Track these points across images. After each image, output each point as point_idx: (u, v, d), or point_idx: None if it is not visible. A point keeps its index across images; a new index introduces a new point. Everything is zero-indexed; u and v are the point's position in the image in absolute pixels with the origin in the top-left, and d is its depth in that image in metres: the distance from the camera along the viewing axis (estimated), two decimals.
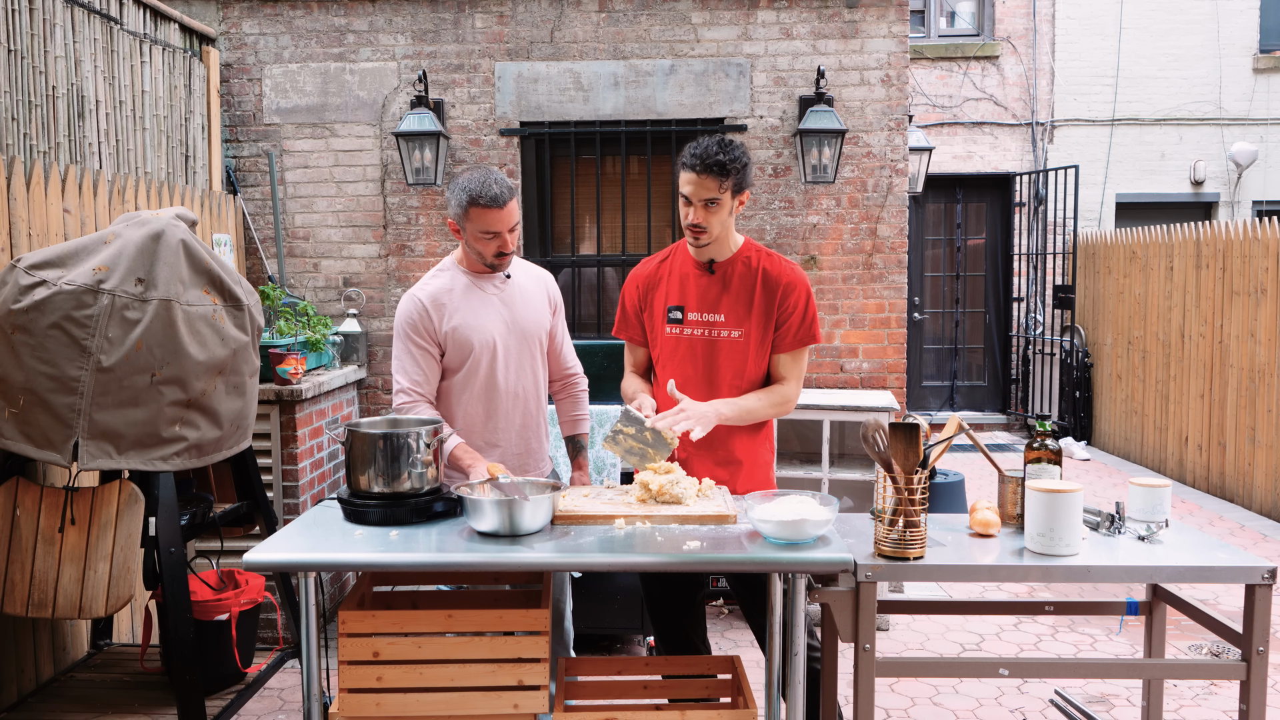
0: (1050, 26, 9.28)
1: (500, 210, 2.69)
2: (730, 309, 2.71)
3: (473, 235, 2.74)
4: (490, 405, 2.83)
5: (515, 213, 2.74)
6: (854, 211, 4.84)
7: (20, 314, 2.51)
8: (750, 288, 2.71)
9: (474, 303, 2.81)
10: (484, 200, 2.67)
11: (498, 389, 2.83)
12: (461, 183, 2.72)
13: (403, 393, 2.78)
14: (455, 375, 2.82)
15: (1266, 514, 6.21)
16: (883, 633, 4.26)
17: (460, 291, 2.82)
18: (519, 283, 2.91)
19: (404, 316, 2.80)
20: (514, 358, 2.85)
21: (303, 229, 4.91)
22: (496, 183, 2.70)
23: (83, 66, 3.57)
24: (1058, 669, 2.56)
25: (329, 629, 3.90)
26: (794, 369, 2.75)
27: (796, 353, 2.75)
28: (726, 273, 2.73)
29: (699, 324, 2.73)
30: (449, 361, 2.82)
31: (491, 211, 2.68)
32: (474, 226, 2.72)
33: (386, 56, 4.85)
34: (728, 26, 4.80)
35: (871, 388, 4.87)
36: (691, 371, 2.73)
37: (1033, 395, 9.09)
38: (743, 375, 2.73)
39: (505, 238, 2.74)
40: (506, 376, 2.83)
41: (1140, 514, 2.47)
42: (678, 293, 2.77)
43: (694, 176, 2.58)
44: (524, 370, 2.87)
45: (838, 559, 2.17)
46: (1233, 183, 9.39)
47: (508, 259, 2.80)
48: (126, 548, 2.64)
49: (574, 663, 2.75)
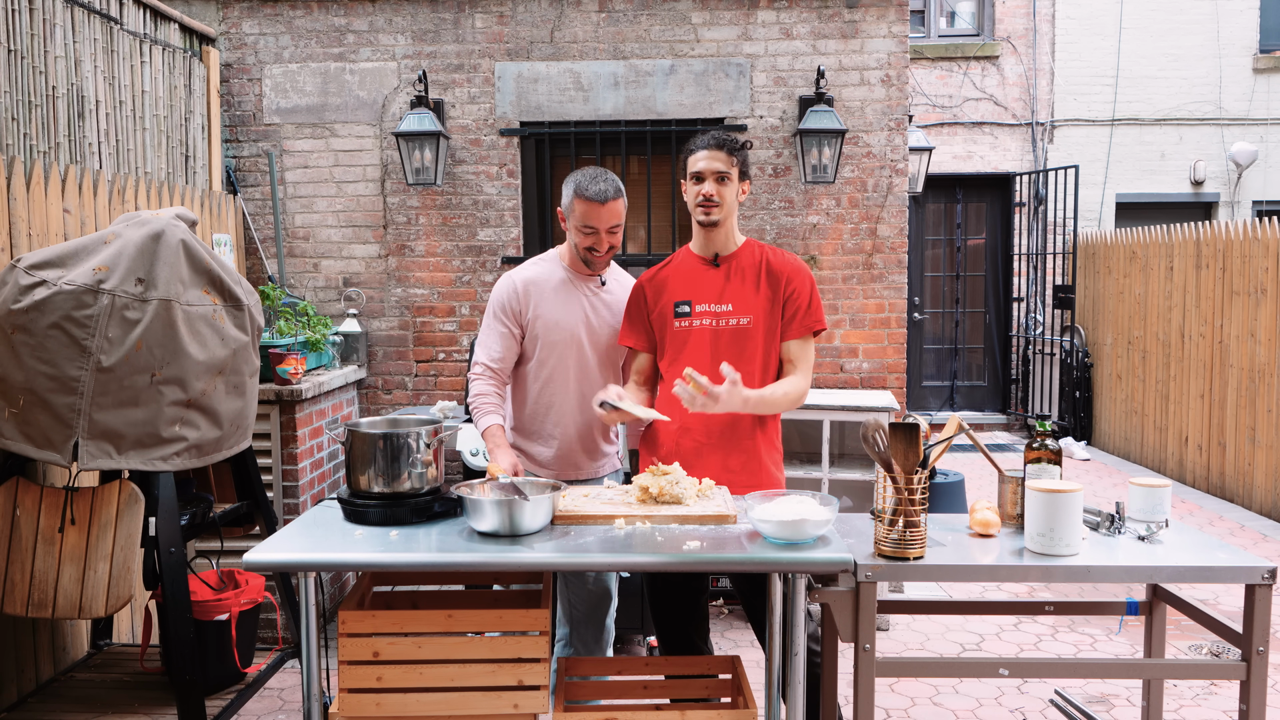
0: (1050, 26, 9.28)
1: (601, 206, 2.77)
2: (736, 297, 2.77)
3: (574, 227, 2.83)
4: (558, 399, 2.91)
5: (618, 214, 2.82)
6: (854, 211, 4.84)
7: (20, 314, 2.51)
8: (755, 277, 2.78)
9: (563, 298, 2.90)
10: (589, 194, 2.76)
11: (569, 386, 2.90)
12: (576, 175, 2.83)
13: (476, 365, 2.90)
14: (529, 363, 2.92)
15: (1266, 514, 6.21)
16: (883, 633, 4.26)
17: (555, 284, 2.91)
18: (614, 291, 2.99)
19: (497, 294, 2.91)
20: (590, 360, 2.92)
21: (303, 229, 4.91)
22: (605, 180, 2.79)
23: (83, 66, 3.57)
24: (1058, 669, 2.56)
25: (329, 629, 3.90)
26: (802, 357, 2.80)
27: (804, 341, 2.80)
28: (731, 265, 2.80)
29: (708, 314, 2.78)
30: (525, 347, 2.91)
31: (594, 206, 2.77)
32: (576, 219, 2.81)
33: (386, 56, 4.85)
34: (728, 26, 4.80)
35: (871, 388, 4.87)
36: (702, 361, 2.75)
37: (1033, 395, 9.09)
38: (754, 361, 2.75)
39: (601, 236, 2.81)
40: (579, 376, 2.90)
41: (1140, 514, 2.47)
42: (684, 289, 2.81)
43: (707, 152, 2.71)
44: (597, 375, 2.93)
45: (838, 559, 2.17)
46: (1233, 183, 9.39)
47: (601, 259, 2.87)
48: (126, 548, 2.64)
49: (574, 663, 2.75)
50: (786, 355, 2.81)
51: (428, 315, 4.92)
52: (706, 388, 2.50)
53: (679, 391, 2.52)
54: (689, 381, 2.51)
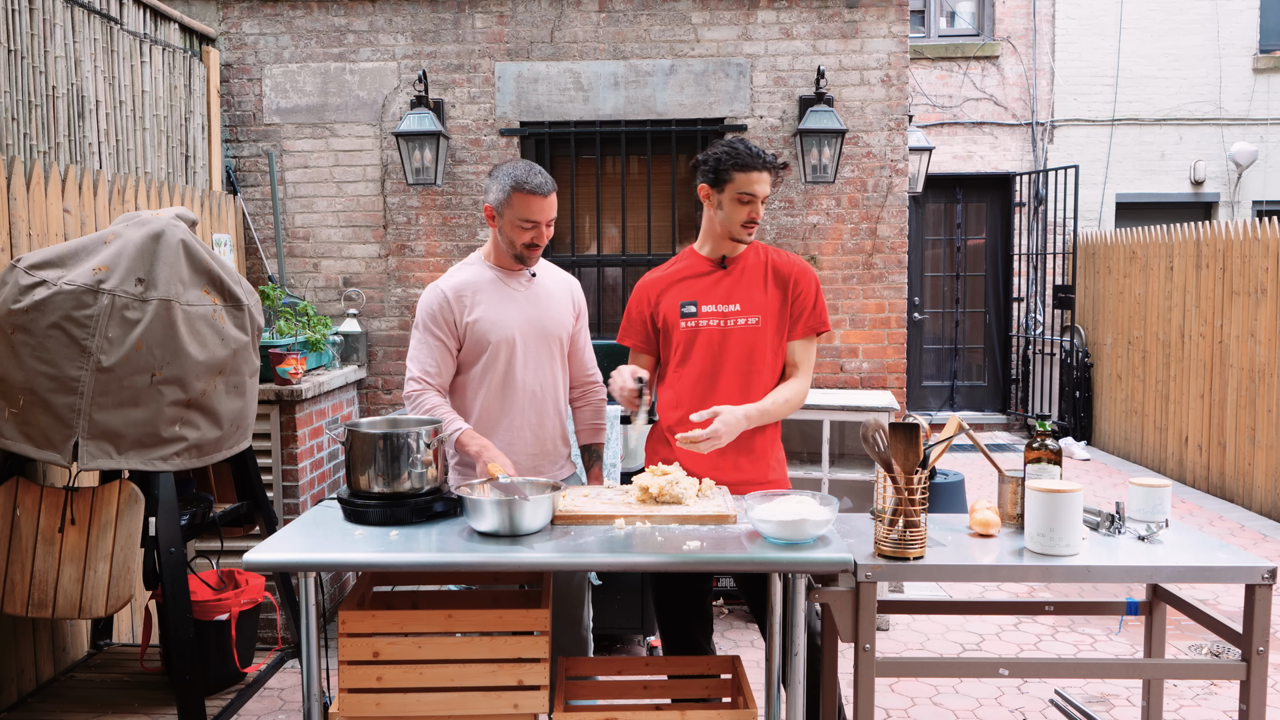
0: (1050, 26, 9.28)
1: (543, 199, 2.73)
2: (745, 297, 2.77)
3: (510, 222, 2.76)
4: (506, 402, 2.83)
5: (554, 207, 2.78)
6: (854, 211, 4.84)
7: (20, 314, 2.51)
8: (762, 277, 2.79)
9: (497, 298, 2.83)
10: (529, 187, 2.71)
11: (515, 386, 2.83)
12: (506, 169, 2.77)
13: (413, 381, 2.80)
14: (473, 369, 2.83)
15: (1266, 514, 6.21)
16: (883, 633, 4.26)
17: (485, 286, 2.84)
18: (544, 283, 2.93)
19: (425, 306, 2.82)
20: (533, 356, 2.85)
21: (303, 229, 4.91)
22: (541, 173, 2.75)
23: (83, 66, 3.57)
24: (1058, 669, 2.56)
25: (329, 629, 3.90)
26: (805, 358, 2.81)
27: (807, 341, 2.81)
28: (738, 266, 2.81)
29: (714, 315, 2.77)
30: (466, 355, 2.83)
31: (534, 199, 2.72)
32: (513, 213, 2.74)
33: (386, 56, 4.85)
34: (728, 26, 4.80)
35: (871, 388, 4.87)
36: (710, 363, 2.75)
37: (1033, 395, 9.09)
38: (763, 362, 2.75)
39: (541, 229, 2.77)
40: (525, 374, 2.83)
41: (1140, 514, 2.47)
42: (690, 290, 2.81)
43: (766, 175, 2.71)
44: (543, 370, 2.87)
45: (838, 559, 2.17)
46: (1233, 183, 9.39)
47: (536, 253, 2.82)
48: (126, 548, 2.64)
49: (574, 662, 2.75)
50: (790, 356, 2.81)
51: None
52: (703, 434, 2.52)
53: (683, 444, 2.53)
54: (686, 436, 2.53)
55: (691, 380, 2.77)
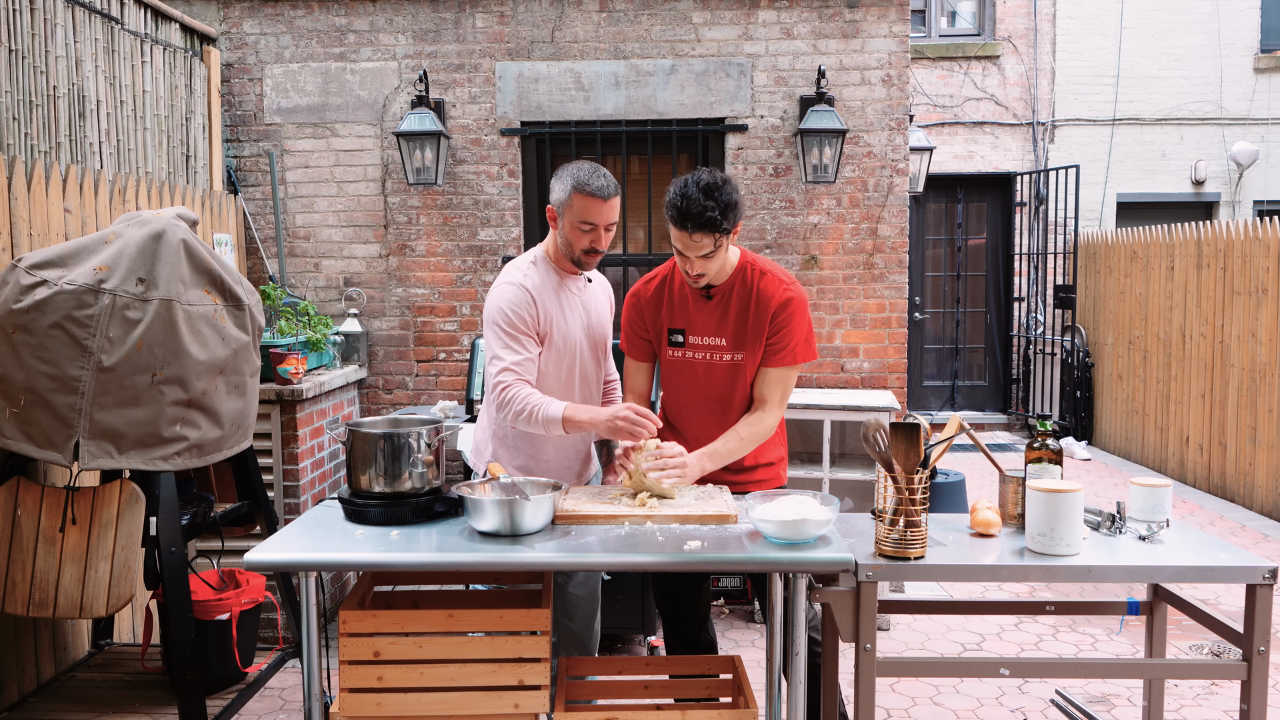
0: (1051, 26, 9.28)
1: (603, 202, 2.66)
2: (731, 333, 2.69)
3: (570, 224, 2.70)
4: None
5: (616, 210, 2.72)
6: (855, 211, 4.84)
7: (21, 314, 2.51)
8: (746, 309, 2.67)
9: (562, 302, 2.79)
10: (590, 188, 2.65)
11: (575, 389, 2.84)
12: (570, 169, 2.71)
13: (508, 370, 2.65)
14: (543, 371, 2.81)
15: (1267, 514, 6.21)
16: (883, 632, 4.26)
17: (551, 289, 2.78)
18: (595, 287, 2.94)
19: (509, 303, 2.69)
20: (590, 360, 2.87)
21: (303, 229, 4.91)
22: (604, 175, 2.69)
23: (84, 66, 3.57)
24: (1058, 669, 2.56)
25: (330, 629, 3.90)
26: (777, 389, 2.69)
27: (784, 371, 2.68)
28: (724, 295, 2.70)
29: (701, 348, 2.72)
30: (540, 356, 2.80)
31: (595, 201, 2.65)
32: (573, 214, 2.68)
33: (387, 56, 4.86)
34: (728, 26, 4.80)
35: (872, 387, 4.87)
36: (696, 394, 2.74)
37: (1033, 395, 9.08)
38: (744, 396, 2.73)
39: (600, 234, 2.70)
40: (584, 377, 2.85)
41: (1141, 514, 2.47)
42: (679, 316, 2.75)
43: (685, 236, 2.51)
44: (594, 374, 2.90)
45: (838, 559, 2.17)
46: (1234, 182, 9.39)
47: (595, 259, 2.77)
48: (127, 547, 2.64)
49: (574, 663, 2.75)
50: (760, 388, 2.69)
51: (428, 315, 4.92)
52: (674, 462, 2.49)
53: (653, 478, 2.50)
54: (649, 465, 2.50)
55: (674, 408, 2.81)
